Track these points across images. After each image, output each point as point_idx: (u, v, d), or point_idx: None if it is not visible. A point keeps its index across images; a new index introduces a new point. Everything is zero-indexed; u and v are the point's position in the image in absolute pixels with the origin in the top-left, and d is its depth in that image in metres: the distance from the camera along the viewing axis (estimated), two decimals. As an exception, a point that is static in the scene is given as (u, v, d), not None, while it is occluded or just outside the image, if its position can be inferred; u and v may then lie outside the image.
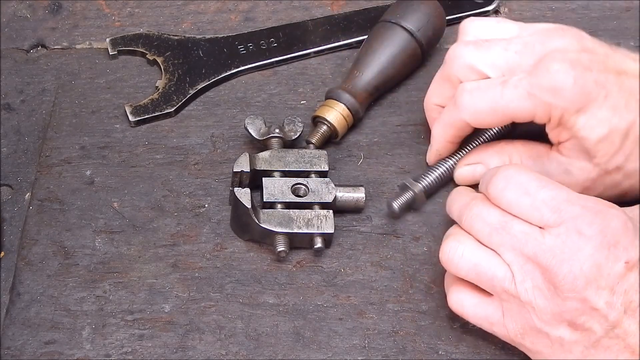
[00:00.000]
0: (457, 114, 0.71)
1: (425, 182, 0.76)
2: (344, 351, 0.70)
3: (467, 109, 0.70)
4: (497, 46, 0.71)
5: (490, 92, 0.69)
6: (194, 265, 0.74)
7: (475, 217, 0.66)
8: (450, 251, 0.67)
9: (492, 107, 0.69)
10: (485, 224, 0.66)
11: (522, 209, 0.64)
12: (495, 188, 0.66)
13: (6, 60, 0.87)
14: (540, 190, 0.64)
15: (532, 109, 0.68)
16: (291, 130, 0.79)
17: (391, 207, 0.75)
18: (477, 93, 0.70)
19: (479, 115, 0.70)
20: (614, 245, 0.62)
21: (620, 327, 0.62)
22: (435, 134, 0.75)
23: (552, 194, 0.64)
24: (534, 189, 0.64)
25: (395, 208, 0.75)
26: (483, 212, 0.66)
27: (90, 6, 0.91)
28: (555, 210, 0.63)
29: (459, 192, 0.71)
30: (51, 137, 0.81)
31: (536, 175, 0.66)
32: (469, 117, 0.71)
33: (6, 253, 0.75)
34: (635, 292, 0.62)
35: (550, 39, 0.70)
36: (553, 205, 0.63)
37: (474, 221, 0.66)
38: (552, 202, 0.63)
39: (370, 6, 0.91)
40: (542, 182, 0.65)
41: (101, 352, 0.70)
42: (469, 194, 0.70)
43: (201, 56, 0.86)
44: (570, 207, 0.63)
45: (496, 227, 0.65)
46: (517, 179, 0.65)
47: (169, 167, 0.80)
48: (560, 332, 0.63)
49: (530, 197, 0.64)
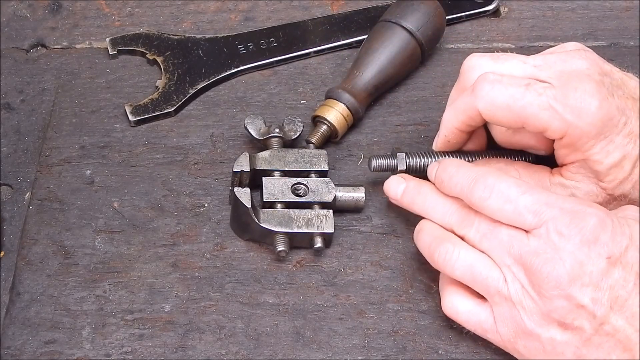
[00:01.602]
0: (472, 100, 0.70)
1: (414, 163, 0.76)
2: (344, 351, 0.70)
3: (483, 98, 0.69)
4: (515, 59, 0.70)
5: (512, 90, 0.68)
6: (193, 265, 0.74)
7: (467, 226, 0.68)
8: (446, 253, 0.67)
9: (508, 105, 0.68)
10: (477, 231, 0.67)
11: (505, 215, 0.66)
12: (478, 197, 0.67)
13: (6, 60, 0.87)
14: (521, 197, 0.65)
15: (548, 121, 0.67)
16: (291, 130, 0.79)
17: (370, 163, 0.76)
18: (498, 86, 0.68)
19: (493, 107, 0.69)
20: (594, 242, 0.63)
21: (609, 323, 0.62)
22: (446, 118, 0.73)
23: (532, 199, 0.65)
24: (514, 195, 0.65)
25: (371, 167, 0.76)
26: (475, 221, 0.67)
27: (90, 6, 0.91)
28: (536, 214, 0.64)
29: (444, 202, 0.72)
30: (51, 136, 0.81)
31: (514, 180, 0.67)
32: (483, 106, 0.69)
33: (6, 253, 0.75)
34: (621, 287, 0.62)
35: (572, 59, 0.69)
36: (534, 209, 0.64)
37: (466, 229, 0.68)
38: (533, 206, 0.65)
39: (370, 6, 0.91)
40: (522, 187, 0.66)
41: (101, 352, 0.70)
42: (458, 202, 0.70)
43: (201, 56, 0.86)
44: (549, 210, 0.64)
45: (485, 233, 0.67)
46: (498, 188, 0.66)
47: (169, 167, 0.80)
48: (551, 333, 0.64)
49: (512, 204, 0.65)
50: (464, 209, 0.69)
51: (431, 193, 0.71)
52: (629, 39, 0.89)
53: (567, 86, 0.67)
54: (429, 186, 0.72)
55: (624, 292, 0.62)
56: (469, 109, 0.70)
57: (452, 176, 0.69)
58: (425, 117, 0.83)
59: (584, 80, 0.67)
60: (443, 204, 0.70)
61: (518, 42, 0.89)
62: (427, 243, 0.69)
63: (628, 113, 0.68)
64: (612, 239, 0.63)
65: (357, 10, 0.91)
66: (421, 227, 0.71)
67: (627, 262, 0.63)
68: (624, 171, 0.69)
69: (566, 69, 0.68)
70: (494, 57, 0.71)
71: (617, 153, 0.68)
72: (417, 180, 0.73)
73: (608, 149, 0.68)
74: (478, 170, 0.68)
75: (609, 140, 0.68)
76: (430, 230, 0.70)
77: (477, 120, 0.71)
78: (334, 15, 0.90)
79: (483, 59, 0.71)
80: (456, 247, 0.67)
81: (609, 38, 0.89)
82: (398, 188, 0.73)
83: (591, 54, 0.70)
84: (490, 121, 0.70)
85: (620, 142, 0.68)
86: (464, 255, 0.67)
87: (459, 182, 0.68)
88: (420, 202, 0.72)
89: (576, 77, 0.67)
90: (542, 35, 0.89)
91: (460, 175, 0.69)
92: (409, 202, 0.73)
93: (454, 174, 0.69)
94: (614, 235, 0.63)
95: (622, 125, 0.68)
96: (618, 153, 0.68)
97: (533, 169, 0.73)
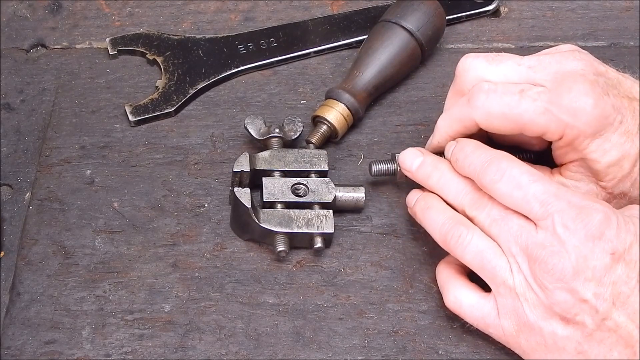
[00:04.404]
0: (468, 111, 0.70)
1: None
2: (344, 351, 0.70)
3: (479, 109, 0.69)
4: (510, 60, 0.70)
5: (507, 98, 0.68)
6: (194, 265, 0.74)
7: (479, 209, 0.68)
8: (460, 236, 0.68)
9: (505, 113, 0.68)
10: (488, 216, 0.67)
11: (513, 201, 0.66)
12: (489, 179, 0.67)
13: (6, 60, 0.87)
14: (532, 185, 0.65)
15: (545, 125, 0.68)
16: (291, 130, 0.79)
17: (370, 168, 0.76)
18: (493, 95, 0.69)
19: (489, 117, 0.69)
20: (599, 238, 0.63)
21: (611, 318, 0.63)
22: (440, 125, 0.74)
23: (542, 188, 0.65)
24: (525, 182, 0.66)
25: (372, 172, 0.76)
26: (488, 205, 0.68)
27: (90, 6, 0.91)
28: (543, 204, 0.65)
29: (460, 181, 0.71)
30: (51, 137, 0.81)
31: (527, 168, 0.67)
32: (479, 117, 0.70)
33: (6, 253, 0.75)
34: (623, 283, 0.63)
35: (566, 59, 0.69)
36: (542, 199, 0.65)
37: (477, 211, 0.68)
38: (542, 196, 0.65)
39: (370, 6, 0.91)
40: (533, 176, 0.66)
41: (101, 352, 0.70)
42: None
43: (201, 56, 0.86)
44: (557, 202, 0.64)
45: (496, 219, 0.67)
46: (509, 173, 0.66)
47: (169, 167, 0.80)
48: (553, 327, 0.64)
49: (522, 190, 0.65)
50: (478, 192, 0.69)
51: (448, 170, 0.71)
52: (629, 39, 0.89)
53: (561, 87, 0.67)
54: (446, 164, 0.72)
55: (626, 288, 0.63)
56: (465, 119, 0.71)
57: (467, 155, 0.69)
58: (425, 117, 0.83)
59: (579, 81, 0.67)
60: (458, 182, 0.70)
61: (518, 42, 0.89)
62: (439, 223, 0.69)
63: (624, 112, 0.68)
64: (616, 235, 0.63)
65: (357, 10, 0.91)
66: (430, 203, 0.71)
67: (631, 259, 0.63)
68: (624, 170, 0.69)
69: (561, 70, 0.68)
70: (488, 58, 0.71)
71: (615, 152, 0.68)
72: (435, 156, 0.73)
73: (605, 147, 0.68)
74: (494, 153, 0.68)
75: (604, 139, 0.68)
76: (442, 210, 0.70)
77: (473, 129, 0.72)
78: (334, 15, 0.90)
79: (477, 60, 0.71)
80: (469, 232, 0.67)
81: (609, 38, 0.89)
82: (415, 160, 0.73)
83: (586, 55, 0.70)
84: (488, 130, 0.71)
85: (616, 140, 0.68)
86: (476, 240, 0.67)
87: (473, 162, 0.69)
88: (435, 178, 0.71)
89: (571, 78, 0.67)
90: (542, 36, 0.89)
91: (476, 156, 0.69)
92: (424, 176, 0.72)
93: (469, 154, 0.69)
94: (618, 232, 0.63)
95: (618, 123, 0.68)
96: (615, 152, 0.68)
97: (532, 169, 0.73)
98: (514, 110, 0.68)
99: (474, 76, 0.71)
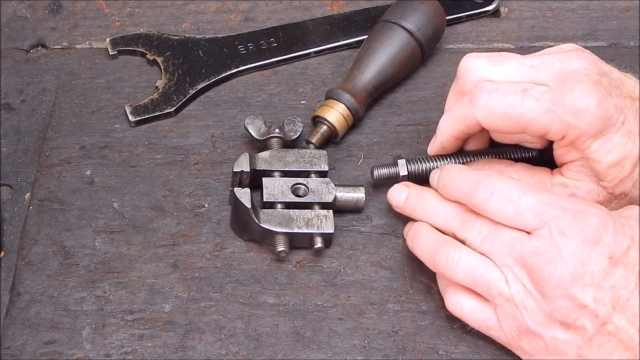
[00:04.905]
0: (470, 111, 0.70)
1: (415, 169, 0.76)
2: (344, 351, 0.70)
3: (482, 108, 0.69)
4: (513, 60, 0.70)
5: (509, 98, 0.68)
6: (194, 265, 0.74)
7: (469, 229, 0.68)
8: (447, 257, 0.67)
9: (507, 113, 0.68)
10: (478, 234, 0.67)
11: (507, 216, 0.66)
12: (480, 199, 0.67)
13: (6, 60, 0.87)
14: (522, 197, 0.65)
15: (548, 124, 0.68)
16: (291, 130, 0.79)
17: (372, 174, 0.77)
18: (495, 95, 0.69)
19: (492, 117, 0.69)
20: (596, 242, 0.63)
21: (611, 323, 0.63)
22: (442, 125, 0.74)
23: (534, 199, 0.65)
24: (516, 196, 0.66)
25: (374, 177, 0.77)
26: (477, 223, 0.67)
27: (90, 6, 0.91)
28: (537, 214, 0.64)
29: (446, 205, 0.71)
30: (51, 137, 0.81)
31: (516, 182, 0.67)
32: (482, 116, 0.69)
33: (6, 253, 0.75)
34: (622, 287, 0.62)
35: (569, 59, 0.69)
36: (535, 209, 0.65)
37: (467, 232, 0.68)
38: (534, 206, 0.65)
39: (370, 6, 0.91)
40: (523, 188, 0.66)
41: (101, 352, 0.70)
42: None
43: (201, 56, 0.86)
44: (550, 210, 0.64)
45: (486, 235, 0.67)
46: (499, 189, 0.66)
47: (169, 167, 0.80)
48: (554, 333, 0.64)
49: (514, 204, 0.65)
50: (465, 213, 0.69)
51: (433, 198, 0.71)
52: (629, 39, 0.89)
53: (564, 87, 0.67)
54: (431, 192, 0.72)
55: (625, 292, 0.62)
56: (467, 118, 0.71)
57: (453, 179, 0.69)
58: (425, 117, 0.83)
59: (582, 81, 0.67)
60: (445, 208, 0.70)
61: (518, 42, 0.89)
62: (426, 247, 0.69)
63: (626, 112, 0.68)
64: (613, 239, 0.63)
65: (357, 10, 0.91)
66: (417, 231, 0.71)
67: (629, 262, 0.63)
68: (625, 170, 0.69)
69: (564, 69, 0.68)
70: (490, 58, 0.71)
71: (616, 152, 0.68)
72: (420, 187, 0.74)
73: (606, 147, 0.68)
74: (479, 174, 0.68)
75: (606, 139, 0.68)
76: (429, 234, 0.70)
77: (475, 129, 0.71)
78: (334, 15, 0.90)
79: (479, 60, 0.71)
80: (457, 251, 0.67)
81: (609, 38, 0.89)
82: (401, 196, 0.74)
83: (589, 54, 0.70)
84: (491, 129, 0.71)
85: (618, 140, 0.68)
86: (465, 258, 0.67)
87: (461, 185, 0.68)
88: (422, 208, 0.72)
89: (574, 77, 0.67)
90: (542, 36, 0.89)
91: (463, 179, 0.69)
92: (411, 208, 0.73)
93: (455, 178, 0.69)
94: (615, 235, 0.63)
95: (620, 124, 0.68)
96: (617, 152, 0.68)
97: (534, 170, 0.73)
98: (517, 110, 0.68)
99: (476, 76, 0.71)
